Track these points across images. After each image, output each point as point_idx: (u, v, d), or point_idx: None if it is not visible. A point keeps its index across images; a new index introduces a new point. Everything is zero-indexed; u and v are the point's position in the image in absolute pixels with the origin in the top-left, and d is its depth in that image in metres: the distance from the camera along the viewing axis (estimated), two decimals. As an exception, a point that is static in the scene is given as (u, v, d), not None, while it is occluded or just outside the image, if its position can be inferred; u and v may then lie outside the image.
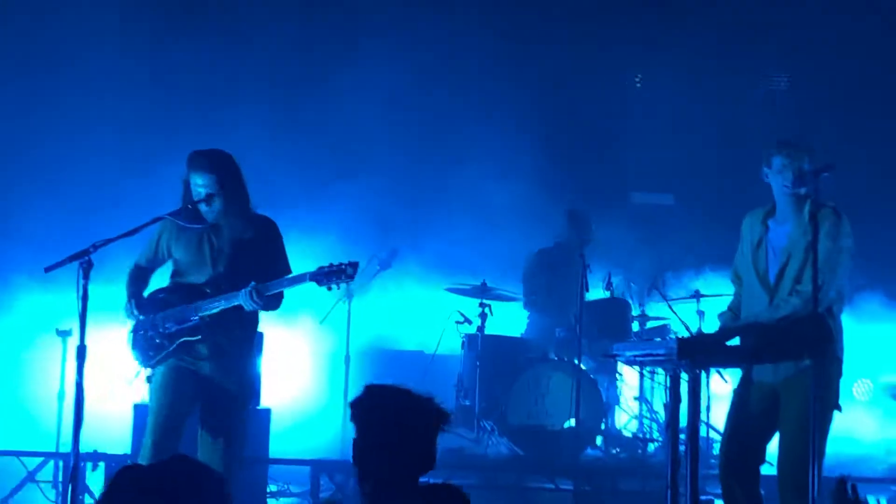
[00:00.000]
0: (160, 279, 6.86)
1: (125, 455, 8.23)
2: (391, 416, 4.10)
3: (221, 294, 6.44)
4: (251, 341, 6.69)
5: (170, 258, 6.74)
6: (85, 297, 5.94)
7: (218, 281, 6.52)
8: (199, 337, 6.47)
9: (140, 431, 8.17)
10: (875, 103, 11.70)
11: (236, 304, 6.38)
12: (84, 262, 5.98)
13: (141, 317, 6.59)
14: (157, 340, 6.54)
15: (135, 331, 6.66)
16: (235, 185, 6.54)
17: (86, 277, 5.95)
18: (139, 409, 8.38)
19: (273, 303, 6.54)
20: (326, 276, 6.28)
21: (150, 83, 11.06)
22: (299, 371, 10.62)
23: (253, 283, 6.32)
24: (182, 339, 6.49)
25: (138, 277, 6.79)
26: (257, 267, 6.47)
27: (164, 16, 11.23)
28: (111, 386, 9.34)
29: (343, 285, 6.39)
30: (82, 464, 8.12)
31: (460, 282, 10.16)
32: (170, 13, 11.25)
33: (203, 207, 6.52)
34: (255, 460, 8.00)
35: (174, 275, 6.73)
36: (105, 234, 6.20)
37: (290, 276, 6.47)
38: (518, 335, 10.38)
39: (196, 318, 6.47)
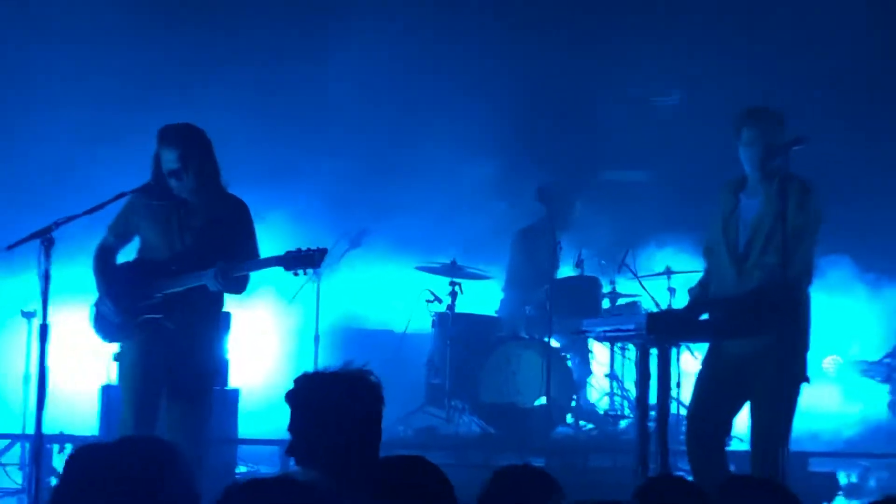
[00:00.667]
0: (126, 255, 6.78)
1: (93, 436, 8.16)
2: (329, 405, 4.02)
3: (187, 272, 6.35)
4: (216, 320, 6.61)
5: (137, 234, 6.64)
6: (47, 276, 5.87)
7: (184, 258, 6.42)
8: (162, 315, 6.39)
9: (107, 412, 8.15)
10: (849, 73, 11.70)
11: (201, 283, 6.31)
12: (45, 241, 5.90)
13: (109, 298, 6.50)
14: (121, 317, 6.44)
15: (97, 307, 6.57)
16: (206, 161, 6.44)
17: (47, 256, 5.88)
18: (107, 390, 8.33)
19: (238, 286, 6.47)
20: (294, 261, 6.24)
21: (116, 59, 10.92)
22: (268, 351, 10.55)
23: (219, 263, 6.25)
24: (145, 317, 6.41)
25: (106, 257, 6.68)
26: (225, 247, 6.39)
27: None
28: (78, 366, 9.28)
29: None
30: (49, 446, 8.05)
31: (430, 260, 10.12)
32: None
33: (173, 183, 6.41)
34: (224, 441, 7.96)
35: (141, 251, 6.64)
36: (69, 211, 6.13)
37: (258, 259, 6.42)
38: (489, 314, 10.35)
39: (160, 295, 6.38)
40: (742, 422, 6.24)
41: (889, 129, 11.50)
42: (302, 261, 6.24)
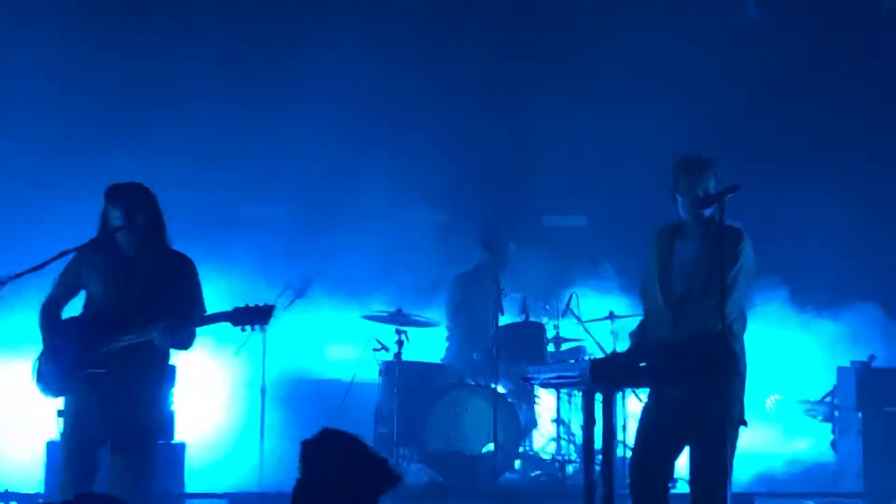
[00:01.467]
0: (72, 309, 6.78)
1: (37, 494, 8.09)
2: (341, 463, 4.03)
3: (133, 327, 6.35)
4: (161, 374, 6.60)
5: (84, 289, 6.65)
6: (-9, 334, 5.87)
7: (129, 314, 6.41)
8: (105, 370, 6.37)
9: (53, 469, 8.08)
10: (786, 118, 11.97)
11: (148, 338, 6.31)
12: (-10, 299, 5.90)
13: (52, 352, 6.48)
14: (62, 372, 6.43)
15: (39, 361, 6.55)
16: (152, 219, 6.50)
17: (-9, 314, 5.87)
18: (52, 447, 8.26)
19: (184, 342, 6.49)
20: (243, 317, 6.30)
21: (62, 104, 10.91)
22: (214, 403, 10.50)
23: (168, 319, 6.28)
24: (89, 371, 6.38)
25: (52, 311, 6.67)
26: (171, 303, 6.42)
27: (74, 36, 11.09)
28: (23, 423, 9.18)
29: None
30: (-7, 504, 7.98)
31: (376, 309, 10.14)
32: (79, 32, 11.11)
33: (119, 239, 6.46)
34: (169, 496, 7.91)
35: (87, 305, 6.64)
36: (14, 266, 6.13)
37: (207, 315, 6.45)
38: (436, 361, 10.38)
39: (104, 349, 6.37)
40: (684, 463, 6.32)
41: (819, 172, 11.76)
42: (251, 317, 6.29)
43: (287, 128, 11.13)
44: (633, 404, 8.87)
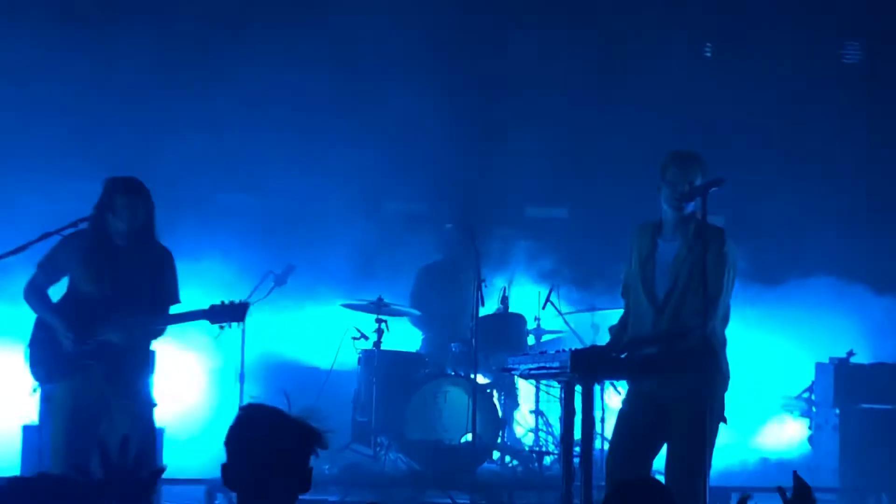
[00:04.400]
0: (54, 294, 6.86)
1: (14, 477, 8.03)
2: (264, 438, 3.99)
3: (114, 320, 6.52)
4: (146, 363, 6.77)
5: (66, 275, 6.76)
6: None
7: (111, 304, 6.59)
8: (94, 361, 6.55)
9: (30, 451, 8.07)
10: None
11: (121, 337, 6.51)
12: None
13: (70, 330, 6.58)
14: (54, 359, 6.57)
15: (31, 346, 6.65)
16: (146, 213, 6.68)
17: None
18: (28, 431, 8.24)
19: (157, 334, 6.77)
20: (219, 314, 6.61)
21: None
22: (192, 389, 10.48)
23: (140, 317, 6.51)
24: (78, 361, 6.55)
25: (42, 297, 6.78)
26: (151, 293, 6.66)
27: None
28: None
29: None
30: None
31: (356, 297, 10.13)
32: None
33: (115, 230, 6.62)
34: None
35: (71, 292, 6.76)
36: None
37: (183, 313, 6.69)
38: (415, 350, 10.37)
39: (91, 341, 6.54)
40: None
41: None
42: (227, 314, 6.59)
43: (270, 115, 11.08)
44: (612, 398, 8.88)
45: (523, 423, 10.43)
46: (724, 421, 6.11)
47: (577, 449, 6.51)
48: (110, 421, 6.56)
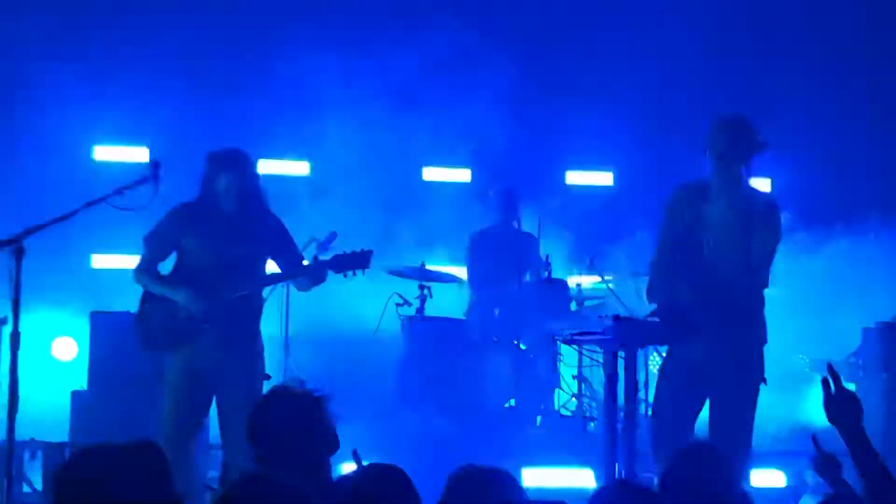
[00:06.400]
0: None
1: (63, 443, 8.16)
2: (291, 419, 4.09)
3: (240, 282, 6.68)
4: (258, 331, 6.92)
5: (176, 249, 6.88)
6: (18, 284, 5.91)
7: (235, 271, 6.71)
8: (208, 327, 6.65)
9: (79, 418, 8.18)
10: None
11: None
12: (16, 249, 5.94)
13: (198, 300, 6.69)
14: (167, 325, 6.69)
15: (140, 319, 6.80)
16: (252, 181, 6.86)
17: (18, 264, 5.92)
18: (77, 396, 8.35)
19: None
20: (346, 263, 6.88)
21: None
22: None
23: (272, 274, 6.88)
24: (193, 328, 6.65)
25: (154, 272, 6.91)
26: (277, 256, 6.91)
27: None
28: (48, 372, 9.26)
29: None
30: (20, 453, 8.04)
31: (400, 264, 10.14)
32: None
33: (223, 201, 6.74)
34: (211, 447, 7.99)
35: (184, 265, 6.86)
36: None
37: (308, 264, 6.93)
38: (458, 317, 10.39)
39: (218, 303, 6.64)
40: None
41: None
42: (351, 262, 6.79)
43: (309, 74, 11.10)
44: (655, 363, 8.86)
45: (566, 389, 10.43)
46: (764, 382, 6.11)
47: (621, 414, 6.51)
48: (223, 394, 6.67)
